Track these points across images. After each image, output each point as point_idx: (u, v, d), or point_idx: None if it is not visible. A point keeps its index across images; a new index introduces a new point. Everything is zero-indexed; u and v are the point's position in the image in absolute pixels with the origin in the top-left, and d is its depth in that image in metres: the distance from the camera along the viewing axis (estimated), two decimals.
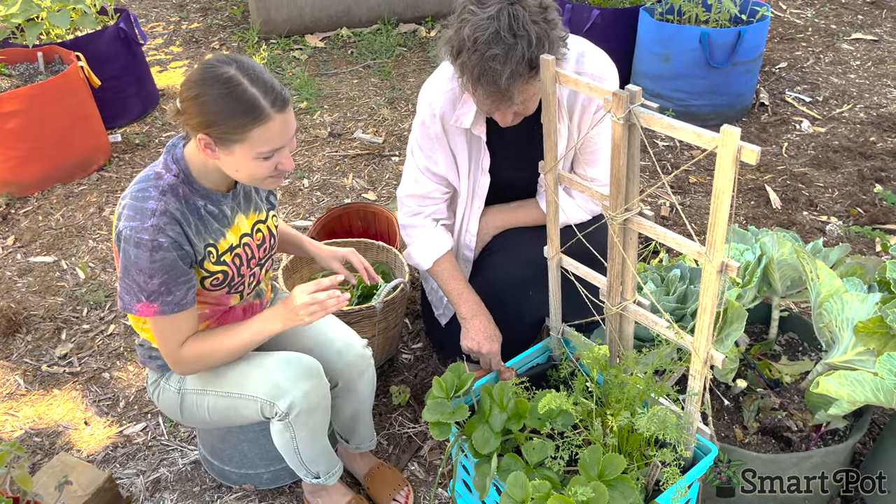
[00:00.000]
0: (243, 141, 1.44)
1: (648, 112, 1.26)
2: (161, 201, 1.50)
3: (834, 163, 3.47)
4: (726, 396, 1.90)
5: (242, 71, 1.44)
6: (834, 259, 1.98)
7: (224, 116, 1.41)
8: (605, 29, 3.95)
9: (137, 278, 1.50)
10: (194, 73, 1.45)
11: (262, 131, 1.44)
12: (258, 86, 1.43)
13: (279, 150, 1.50)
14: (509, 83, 1.56)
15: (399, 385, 2.36)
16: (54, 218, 3.31)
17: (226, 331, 1.65)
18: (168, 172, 1.54)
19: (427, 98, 1.89)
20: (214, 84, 1.42)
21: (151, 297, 1.52)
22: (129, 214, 1.50)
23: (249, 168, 1.49)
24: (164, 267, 1.50)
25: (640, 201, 1.41)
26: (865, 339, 1.65)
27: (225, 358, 1.66)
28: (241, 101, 1.41)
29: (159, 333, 1.59)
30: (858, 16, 5.15)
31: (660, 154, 3.61)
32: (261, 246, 1.74)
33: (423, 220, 2.05)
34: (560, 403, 1.49)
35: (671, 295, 1.93)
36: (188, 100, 1.44)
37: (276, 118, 1.45)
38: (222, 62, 1.45)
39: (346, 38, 5.07)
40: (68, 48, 3.62)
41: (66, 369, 2.52)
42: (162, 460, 2.18)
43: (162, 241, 1.48)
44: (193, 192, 1.56)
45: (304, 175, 3.57)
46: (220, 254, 1.62)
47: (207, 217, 1.58)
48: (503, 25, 1.52)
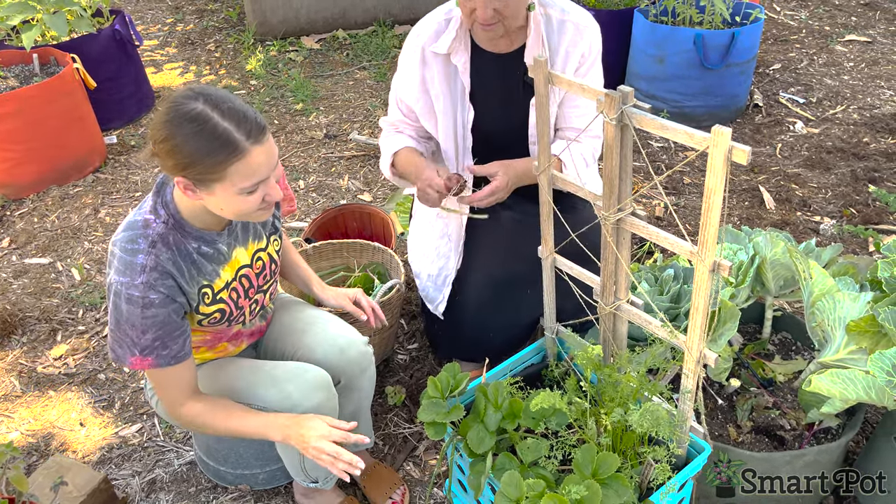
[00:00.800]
0: (223, 179, 1.36)
1: (641, 113, 1.27)
2: (151, 255, 1.44)
3: (827, 163, 3.48)
4: (720, 395, 1.91)
5: (211, 104, 1.34)
6: (826, 259, 2.00)
7: (198, 157, 1.33)
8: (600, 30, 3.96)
9: (130, 333, 1.46)
10: (161, 114, 1.36)
11: (241, 166, 1.36)
12: (230, 118, 1.34)
13: (263, 182, 1.42)
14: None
15: (395, 385, 2.36)
16: (50, 219, 3.31)
17: (231, 412, 1.59)
18: (157, 219, 1.47)
19: (412, 33, 1.97)
20: (183, 123, 1.33)
21: (145, 352, 1.47)
22: (119, 268, 1.44)
23: (234, 205, 1.42)
24: (157, 323, 1.45)
25: (633, 201, 1.42)
26: (857, 337, 1.66)
27: (221, 433, 1.62)
28: (213, 139, 1.33)
29: (157, 384, 1.56)
30: (852, 17, 5.18)
31: (654, 154, 3.62)
32: (260, 274, 1.69)
33: (392, 131, 2.11)
34: (554, 402, 1.50)
35: (665, 294, 1.94)
36: (159, 143, 1.36)
37: (253, 151, 1.36)
38: (188, 98, 1.35)
39: (342, 40, 5.08)
40: (64, 50, 3.62)
41: (61, 370, 2.52)
42: (157, 461, 2.18)
43: (153, 298, 1.43)
44: (185, 235, 1.50)
45: (300, 176, 3.58)
46: (215, 293, 1.58)
47: (201, 260, 1.53)
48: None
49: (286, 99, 4.31)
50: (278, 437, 1.57)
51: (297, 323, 1.86)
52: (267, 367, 1.71)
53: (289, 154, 3.77)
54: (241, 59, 4.81)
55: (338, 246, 2.50)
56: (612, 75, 4.10)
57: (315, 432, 1.52)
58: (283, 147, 3.84)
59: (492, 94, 1.98)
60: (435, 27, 1.93)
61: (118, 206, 3.40)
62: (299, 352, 1.82)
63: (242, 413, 1.60)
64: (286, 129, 4.00)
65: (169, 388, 1.56)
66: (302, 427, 1.54)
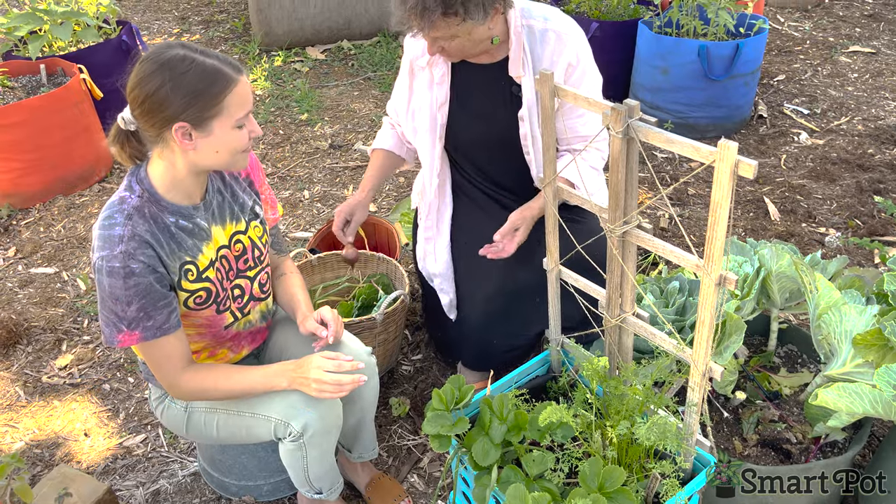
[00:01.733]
0: (220, 112, 1.42)
1: (647, 126, 1.27)
2: (127, 226, 1.46)
3: (832, 175, 3.48)
4: (725, 408, 1.90)
5: (189, 49, 1.42)
6: (832, 271, 1.99)
7: (197, 92, 1.39)
8: (604, 42, 3.98)
9: (115, 308, 1.47)
10: (144, 67, 1.41)
11: (236, 96, 1.43)
12: (211, 56, 1.43)
13: (247, 116, 1.49)
14: (420, 9, 1.68)
15: (399, 397, 2.36)
16: (55, 229, 3.32)
17: (230, 370, 1.63)
18: (132, 194, 1.49)
19: (406, 43, 2.06)
20: (172, 67, 1.39)
21: (132, 325, 1.48)
22: (99, 244, 1.46)
23: (230, 142, 1.47)
24: (140, 292, 1.46)
25: (638, 214, 1.42)
26: (864, 351, 1.66)
27: (224, 396, 1.64)
28: (206, 74, 1.40)
29: (151, 360, 1.57)
30: (856, 28, 5.19)
31: (658, 166, 3.63)
32: (240, 258, 1.69)
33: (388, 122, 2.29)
34: (561, 416, 1.49)
35: (670, 307, 1.94)
36: (148, 98, 1.40)
37: (240, 79, 1.44)
38: (165, 48, 1.42)
39: (347, 51, 5.10)
40: (71, 60, 3.65)
41: (66, 380, 2.52)
42: (162, 472, 2.18)
43: (134, 267, 1.44)
44: (161, 209, 1.51)
45: (305, 186, 3.59)
46: (200, 271, 1.58)
47: (180, 234, 1.54)
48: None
49: (291, 109, 4.32)
50: (284, 383, 1.61)
51: (299, 334, 1.86)
52: None
53: (294, 164, 3.78)
54: (247, 70, 4.83)
55: (342, 257, 2.50)
56: (616, 87, 4.12)
57: (313, 374, 1.57)
58: (288, 157, 3.85)
59: (474, 104, 2.02)
60: (422, 41, 1.95)
61: None
62: None
63: (242, 370, 1.64)
64: (291, 139, 4.02)
65: (163, 364, 1.57)
66: (299, 369, 1.60)
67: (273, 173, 3.70)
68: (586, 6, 4.18)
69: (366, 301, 2.37)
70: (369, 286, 2.41)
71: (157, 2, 6.17)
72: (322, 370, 1.58)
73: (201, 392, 1.62)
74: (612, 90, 4.12)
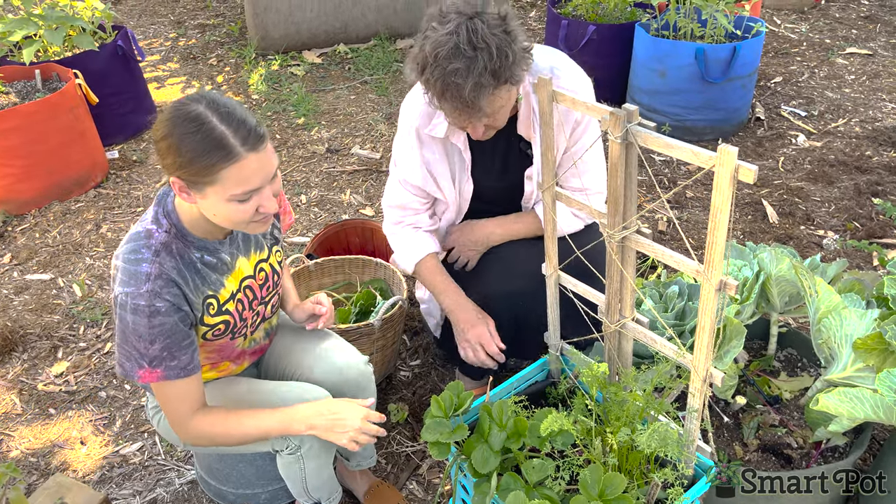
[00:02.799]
0: (214, 182, 1.35)
1: (646, 131, 1.26)
2: (155, 263, 1.43)
3: (830, 177, 3.48)
4: (726, 413, 1.89)
5: (212, 108, 1.35)
6: (832, 275, 1.98)
7: (192, 156, 1.33)
8: (601, 45, 3.97)
9: (137, 345, 1.44)
10: (164, 114, 1.38)
11: (233, 171, 1.35)
12: (228, 123, 1.34)
13: (257, 192, 1.40)
14: (474, 95, 1.57)
15: (397, 403, 2.35)
16: (51, 235, 3.30)
17: (242, 417, 1.56)
18: (159, 229, 1.47)
19: (404, 112, 1.95)
20: (182, 123, 1.34)
21: (154, 363, 1.45)
22: (123, 279, 1.43)
23: (225, 212, 1.40)
24: (164, 332, 1.44)
25: (637, 219, 1.41)
26: (864, 355, 1.65)
27: (234, 443, 1.58)
28: (208, 140, 1.33)
29: (164, 399, 1.53)
30: (853, 30, 5.19)
31: (657, 169, 3.62)
32: (264, 285, 1.68)
33: (403, 229, 2.08)
34: (562, 425, 1.48)
35: (669, 312, 1.93)
36: (158, 141, 1.38)
37: (248, 157, 1.35)
38: (191, 100, 1.37)
39: (344, 54, 5.09)
40: (66, 65, 3.63)
41: (62, 388, 2.50)
42: (158, 480, 2.16)
43: (160, 306, 1.42)
44: (188, 245, 1.49)
45: (302, 191, 3.57)
46: (221, 304, 1.56)
47: (205, 270, 1.52)
48: (462, 39, 1.54)
49: (288, 113, 4.31)
50: (302, 429, 1.56)
51: (297, 343, 1.86)
52: (269, 387, 1.70)
53: (290, 168, 3.77)
54: (243, 74, 4.82)
55: (340, 262, 2.50)
56: (613, 90, 4.12)
57: (352, 421, 1.55)
58: (285, 161, 3.84)
59: (489, 162, 2.00)
60: (423, 109, 1.88)
61: (120, 222, 3.39)
62: (298, 371, 1.81)
63: (255, 413, 1.57)
64: (288, 143, 4.01)
65: (177, 404, 1.53)
66: (330, 415, 1.55)
67: None
68: (583, 9, 4.18)
69: (364, 307, 2.36)
70: (367, 292, 2.40)
71: (152, 6, 6.16)
72: (368, 421, 1.56)
73: (209, 438, 1.56)
74: (610, 93, 4.12)
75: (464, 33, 1.54)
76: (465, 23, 1.55)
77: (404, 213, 2.07)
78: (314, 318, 1.86)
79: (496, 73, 1.57)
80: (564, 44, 4.03)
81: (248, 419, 1.56)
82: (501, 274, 2.05)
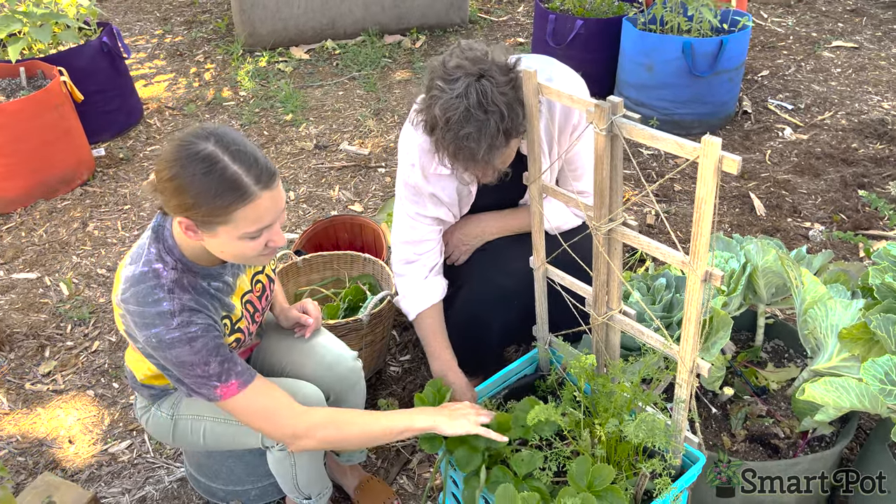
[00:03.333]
0: (227, 223, 1.33)
1: (630, 123, 1.27)
2: (174, 300, 1.41)
3: (817, 169, 3.50)
4: (714, 404, 1.91)
5: (222, 146, 1.31)
6: (817, 266, 2.00)
7: (205, 199, 1.30)
8: (589, 39, 3.98)
9: (197, 371, 1.43)
10: (170, 152, 1.33)
11: (248, 211, 1.33)
12: (240, 162, 1.31)
13: (268, 228, 1.38)
14: (488, 156, 1.55)
15: (387, 398, 2.35)
16: (37, 234, 3.28)
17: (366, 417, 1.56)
18: (165, 267, 1.44)
19: (405, 148, 1.88)
20: (192, 163, 1.30)
21: (223, 377, 1.44)
22: (146, 323, 1.40)
23: (236, 249, 1.39)
24: (210, 350, 1.42)
25: (624, 211, 1.42)
26: (850, 345, 1.66)
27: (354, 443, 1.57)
28: (222, 181, 1.29)
29: (261, 411, 1.49)
30: (839, 24, 5.22)
31: (644, 163, 3.63)
32: (262, 296, 1.68)
33: (416, 269, 1.99)
34: (549, 415, 1.48)
35: (657, 304, 1.94)
36: (165, 181, 1.32)
37: (262, 196, 1.33)
38: (199, 137, 1.32)
39: (332, 50, 5.08)
40: (51, 63, 3.60)
41: (49, 387, 2.49)
42: (148, 478, 2.15)
43: (194, 331, 1.41)
44: (195, 276, 1.48)
45: (290, 188, 3.56)
46: (234, 323, 1.57)
47: (218, 294, 1.52)
48: (472, 103, 1.49)
49: (276, 110, 4.30)
50: (429, 423, 1.53)
51: (286, 339, 1.86)
52: None
53: (279, 165, 3.75)
54: (231, 70, 4.80)
55: (328, 258, 2.49)
56: (601, 84, 4.13)
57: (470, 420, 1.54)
58: (273, 158, 3.82)
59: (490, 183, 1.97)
60: (425, 146, 1.81)
61: (107, 220, 3.37)
62: (288, 368, 1.81)
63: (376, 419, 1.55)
64: (276, 139, 3.99)
65: (277, 413, 1.49)
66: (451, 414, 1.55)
67: None
68: (571, 4, 4.18)
69: (352, 302, 2.36)
70: (356, 287, 2.39)
71: (138, 3, 6.12)
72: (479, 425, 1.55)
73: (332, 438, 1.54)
74: (598, 88, 4.12)
75: (473, 96, 1.49)
76: (474, 84, 1.49)
77: (419, 249, 1.98)
78: (301, 326, 1.86)
79: (508, 133, 1.54)
80: (552, 39, 4.03)
81: (362, 419, 1.55)
82: (490, 271, 2.04)
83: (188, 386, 1.48)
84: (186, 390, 1.51)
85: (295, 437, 1.51)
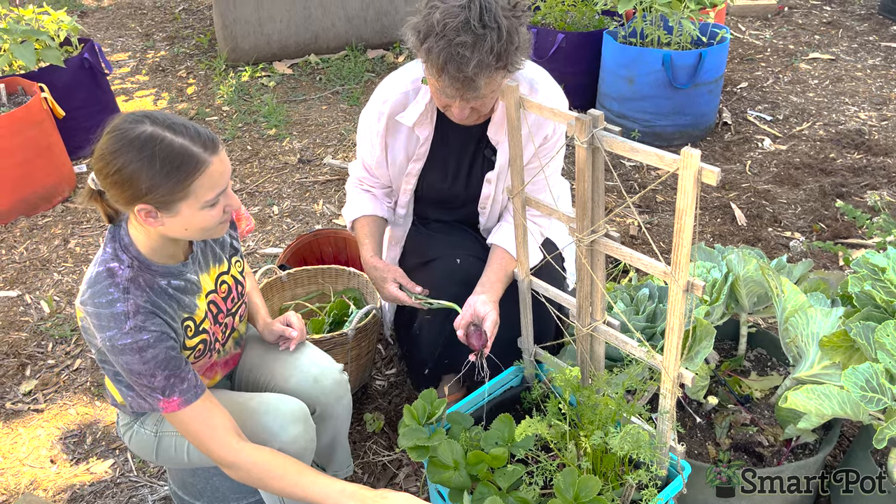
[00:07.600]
0: (187, 196, 1.34)
1: (611, 136, 1.28)
2: (129, 301, 1.39)
3: (796, 179, 3.54)
4: (698, 413, 1.92)
5: (159, 124, 1.31)
6: (798, 275, 2.02)
7: (160, 178, 1.30)
8: (571, 52, 4.02)
9: (142, 381, 1.42)
10: (108, 144, 1.31)
11: (205, 179, 1.34)
12: (183, 135, 1.32)
13: (223, 192, 1.40)
14: (476, 71, 1.57)
15: (373, 412, 2.34)
16: (18, 251, 3.25)
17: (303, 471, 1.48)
18: (121, 265, 1.42)
19: (382, 93, 1.92)
20: (136, 148, 1.29)
21: (166, 392, 1.43)
22: (102, 325, 1.39)
23: (199, 221, 1.39)
24: (160, 363, 1.41)
25: (606, 222, 1.43)
26: (831, 352, 1.68)
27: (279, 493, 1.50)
28: (173, 157, 1.30)
29: (198, 429, 1.47)
30: (815, 36, 5.30)
31: (626, 174, 3.66)
32: (227, 297, 1.66)
33: (359, 188, 2.14)
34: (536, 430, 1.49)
35: (640, 314, 1.95)
36: (111, 175, 1.31)
37: (213, 161, 1.34)
38: (133, 122, 1.31)
39: (315, 65, 5.09)
40: (32, 79, 3.58)
41: (30, 406, 2.46)
42: (131, 497, 2.13)
43: (146, 339, 1.39)
44: (153, 274, 1.46)
45: (274, 202, 3.56)
46: (197, 324, 1.55)
47: (177, 294, 1.50)
48: (474, 15, 1.53)
49: (259, 124, 4.29)
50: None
51: (270, 353, 1.84)
52: (242, 398, 1.68)
53: (262, 179, 3.75)
54: (213, 86, 4.79)
55: (313, 272, 2.49)
56: (583, 96, 4.16)
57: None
58: (257, 172, 3.82)
59: (449, 158, 1.99)
60: (401, 96, 1.88)
61: (88, 237, 3.35)
62: (272, 381, 1.79)
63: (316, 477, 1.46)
64: (259, 154, 3.99)
65: (214, 431, 1.47)
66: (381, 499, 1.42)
67: (241, 189, 3.66)
68: (552, 17, 4.22)
69: (337, 317, 2.35)
70: (340, 301, 2.39)
71: (120, 19, 6.11)
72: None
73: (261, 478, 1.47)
74: (579, 100, 4.16)
75: (476, 9, 1.53)
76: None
77: (363, 181, 2.13)
78: (285, 339, 1.85)
79: (500, 55, 1.57)
80: (534, 52, 4.05)
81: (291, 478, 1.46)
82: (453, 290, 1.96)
83: (136, 392, 1.49)
84: (135, 396, 1.51)
85: (225, 466, 1.49)
